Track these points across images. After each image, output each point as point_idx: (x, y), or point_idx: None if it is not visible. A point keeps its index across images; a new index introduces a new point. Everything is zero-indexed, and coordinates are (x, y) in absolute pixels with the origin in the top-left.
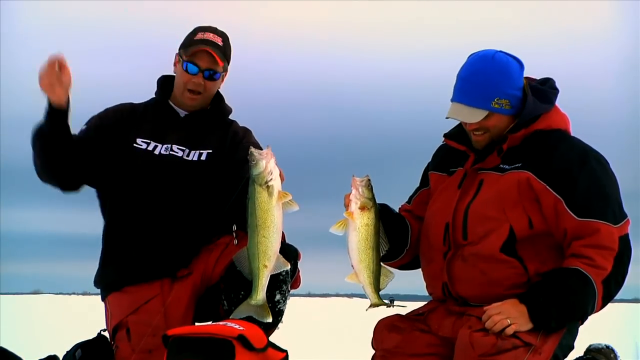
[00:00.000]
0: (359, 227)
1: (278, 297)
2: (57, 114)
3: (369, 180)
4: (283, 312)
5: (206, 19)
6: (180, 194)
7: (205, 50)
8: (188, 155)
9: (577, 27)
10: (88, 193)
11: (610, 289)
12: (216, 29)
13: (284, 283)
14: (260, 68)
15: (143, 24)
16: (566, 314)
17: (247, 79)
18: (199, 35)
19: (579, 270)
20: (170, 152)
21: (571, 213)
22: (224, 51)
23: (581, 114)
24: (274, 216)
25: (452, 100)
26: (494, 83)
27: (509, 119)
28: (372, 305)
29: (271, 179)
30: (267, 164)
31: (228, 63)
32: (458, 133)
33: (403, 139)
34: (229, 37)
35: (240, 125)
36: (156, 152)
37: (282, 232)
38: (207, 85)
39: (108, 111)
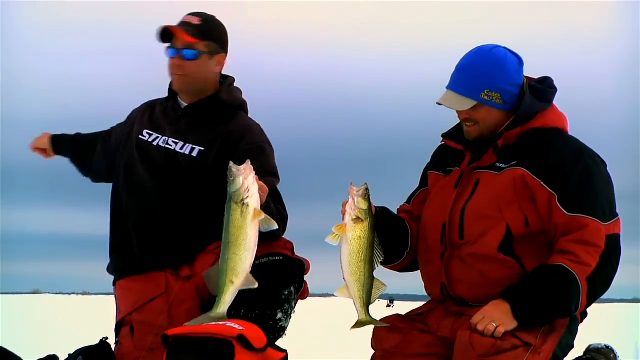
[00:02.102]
0: (351, 239)
1: (279, 315)
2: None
3: (366, 189)
4: (285, 328)
5: None
6: (171, 187)
7: (181, 28)
8: (182, 149)
9: (577, 27)
10: (88, 193)
11: (595, 287)
12: (200, 12)
13: (286, 302)
14: (261, 69)
15: (144, 25)
16: (549, 311)
17: (248, 79)
18: (165, 27)
19: (562, 267)
20: (166, 145)
21: (562, 209)
22: (201, 29)
23: (581, 115)
24: (247, 234)
25: (447, 87)
26: (485, 75)
27: (501, 114)
28: (358, 324)
29: (248, 197)
30: (244, 181)
31: (217, 42)
32: (456, 133)
33: (406, 140)
34: (217, 20)
35: (249, 120)
36: (155, 143)
37: (291, 244)
38: (186, 67)
39: (132, 111)
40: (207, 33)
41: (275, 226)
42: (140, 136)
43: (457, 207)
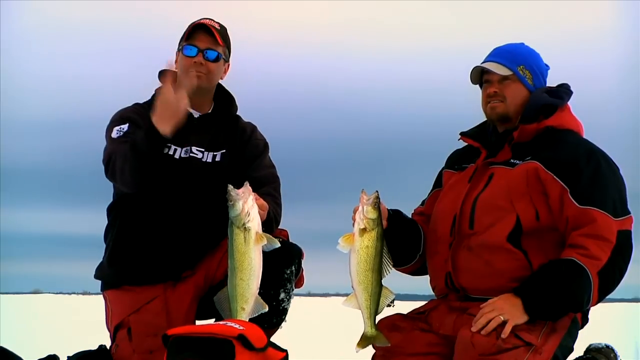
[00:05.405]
0: (359, 248)
1: (282, 295)
2: (159, 139)
3: (377, 197)
4: (287, 310)
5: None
6: (199, 197)
7: (202, 29)
8: (205, 158)
9: (576, 28)
10: (88, 193)
11: (607, 282)
12: (212, 19)
13: (288, 282)
14: (262, 70)
15: (144, 25)
16: (560, 304)
17: (249, 80)
18: (195, 23)
19: (573, 261)
20: (190, 155)
21: (574, 201)
22: (222, 34)
23: (581, 115)
24: (251, 259)
25: (482, 62)
26: (523, 54)
27: (527, 98)
28: (364, 339)
29: (249, 220)
30: (243, 205)
31: (229, 50)
32: (474, 133)
33: (405, 141)
34: (227, 29)
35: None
36: (176, 155)
37: (286, 231)
38: (209, 66)
39: (139, 113)
40: (226, 38)
41: (278, 244)
42: None
43: (469, 199)
